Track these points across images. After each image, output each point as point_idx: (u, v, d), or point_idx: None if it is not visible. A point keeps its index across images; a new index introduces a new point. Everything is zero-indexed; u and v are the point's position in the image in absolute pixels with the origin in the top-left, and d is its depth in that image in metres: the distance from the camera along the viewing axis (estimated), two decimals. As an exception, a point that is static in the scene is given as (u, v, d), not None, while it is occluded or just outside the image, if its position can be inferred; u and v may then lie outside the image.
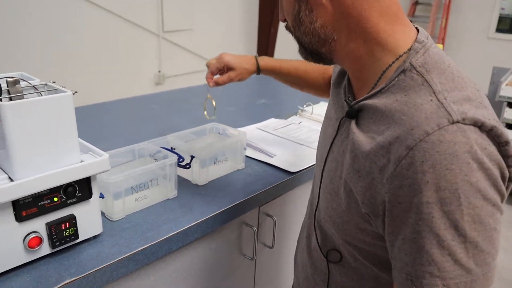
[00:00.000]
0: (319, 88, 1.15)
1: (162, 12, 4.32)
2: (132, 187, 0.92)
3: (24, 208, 0.70)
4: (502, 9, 5.97)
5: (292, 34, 0.69)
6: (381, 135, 0.57)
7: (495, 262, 0.53)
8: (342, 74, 0.76)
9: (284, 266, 1.33)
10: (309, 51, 0.68)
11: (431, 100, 0.54)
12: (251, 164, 1.22)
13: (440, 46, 1.84)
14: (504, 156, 0.53)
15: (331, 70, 1.12)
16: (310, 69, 1.14)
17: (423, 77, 0.57)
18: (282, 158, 1.24)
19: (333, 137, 0.70)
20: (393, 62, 0.60)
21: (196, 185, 1.08)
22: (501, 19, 5.96)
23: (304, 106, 1.67)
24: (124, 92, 3.19)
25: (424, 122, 0.52)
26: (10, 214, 0.69)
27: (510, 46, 5.78)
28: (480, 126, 0.51)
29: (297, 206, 1.27)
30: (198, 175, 1.07)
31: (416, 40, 0.61)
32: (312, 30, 0.64)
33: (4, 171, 0.72)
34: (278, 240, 1.21)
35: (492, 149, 0.52)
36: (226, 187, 1.09)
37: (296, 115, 1.65)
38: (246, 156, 1.23)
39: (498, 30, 5.91)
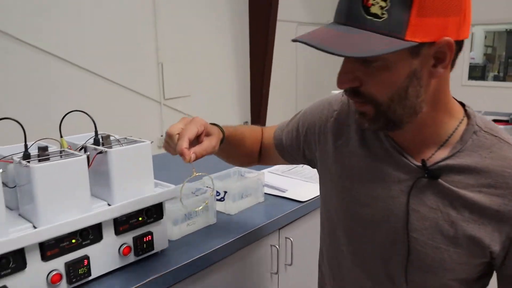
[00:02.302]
0: (253, 156, 1.10)
1: (163, 81, 4.73)
2: (185, 215, 1.20)
3: (122, 225, 0.98)
4: (472, 58, 6.53)
5: (378, 105, 0.69)
6: (491, 188, 0.70)
7: None
8: (368, 139, 0.83)
9: (302, 281, 1.57)
10: (390, 121, 0.71)
11: None
12: (269, 198, 1.51)
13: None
14: None
15: (263, 137, 1.10)
16: (249, 134, 1.07)
17: (494, 135, 0.72)
18: (293, 191, 1.54)
19: (407, 197, 0.76)
20: (458, 126, 0.74)
21: (229, 214, 1.37)
22: (472, 67, 6.49)
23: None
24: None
25: None
26: (111, 228, 0.97)
27: (482, 91, 6.25)
28: None
29: (309, 229, 1.55)
30: (230, 206, 1.36)
31: (465, 107, 0.76)
32: (414, 104, 0.69)
33: (102, 199, 1.01)
34: (296, 258, 1.48)
35: None
36: (251, 215, 1.37)
37: (299, 160, 1.96)
38: (265, 193, 1.52)
39: (471, 77, 6.43)
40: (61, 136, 1.04)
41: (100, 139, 1.05)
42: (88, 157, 0.94)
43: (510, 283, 0.75)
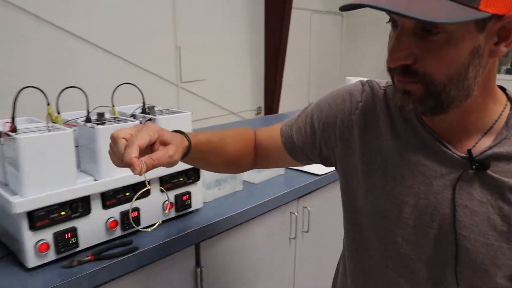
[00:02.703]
0: (243, 161, 0.95)
1: (180, 64, 4.86)
2: (217, 179, 1.35)
3: (165, 183, 1.13)
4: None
5: (431, 85, 0.62)
6: None
7: None
8: (399, 129, 0.75)
9: (316, 247, 1.73)
10: (440, 103, 0.64)
11: None
12: (288, 171, 1.66)
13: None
14: None
15: (255, 138, 0.96)
16: (233, 139, 0.93)
17: None
18: (309, 166, 1.68)
19: (452, 192, 0.69)
20: (502, 111, 0.68)
21: (253, 183, 1.51)
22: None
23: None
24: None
25: None
26: (157, 185, 1.12)
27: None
28: None
29: (325, 200, 1.69)
30: (254, 176, 1.51)
31: (505, 91, 0.71)
32: (470, 85, 0.63)
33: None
34: (312, 226, 1.62)
35: None
36: (273, 184, 1.52)
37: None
38: (284, 166, 1.67)
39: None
40: (113, 106, 1.19)
41: (147, 109, 1.19)
42: (140, 123, 1.08)
43: None
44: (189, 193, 1.20)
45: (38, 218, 0.90)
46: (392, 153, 0.74)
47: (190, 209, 1.22)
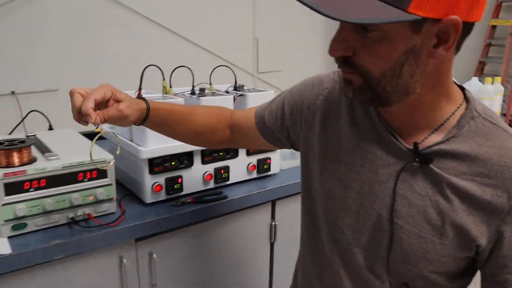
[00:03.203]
0: (214, 135, 0.99)
1: (258, 55, 5.13)
2: (292, 152, 1.57)
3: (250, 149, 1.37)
4: None
5: (367, 78, 0.64)
6: (485, 177, 0.65)
7: None
8: (358, 119, 0.77)
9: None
10: (377, 96, 0.65)
11: None
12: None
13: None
14: None
15: (231, 117, 1.01)
16: (204, 112, 0.99)
17: (493, 123, 0.67)
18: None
19: (394, 182, 0.71)
20: (456, 110, 0.69)
21: (323, 158, 1.72)
22: None
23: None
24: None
25: None
26: (243, 152, 1.36)
27: None
28: None
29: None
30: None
31: (464, 91, 0.72)
32: (406, 83, 0.63)
33: (239, 130, 1.40)
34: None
35: None
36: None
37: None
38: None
39: None
40: (210, 83, 1.44)
41: (238, 87, 1.43)
42: (234, 98, 1.33)
43: (493, 285, 0.70)
44: (269, 158, 1.43)
45: (155, 165, 1.18)
46: (348, 140, 0.77)
47: (269, 172, 1.45)
